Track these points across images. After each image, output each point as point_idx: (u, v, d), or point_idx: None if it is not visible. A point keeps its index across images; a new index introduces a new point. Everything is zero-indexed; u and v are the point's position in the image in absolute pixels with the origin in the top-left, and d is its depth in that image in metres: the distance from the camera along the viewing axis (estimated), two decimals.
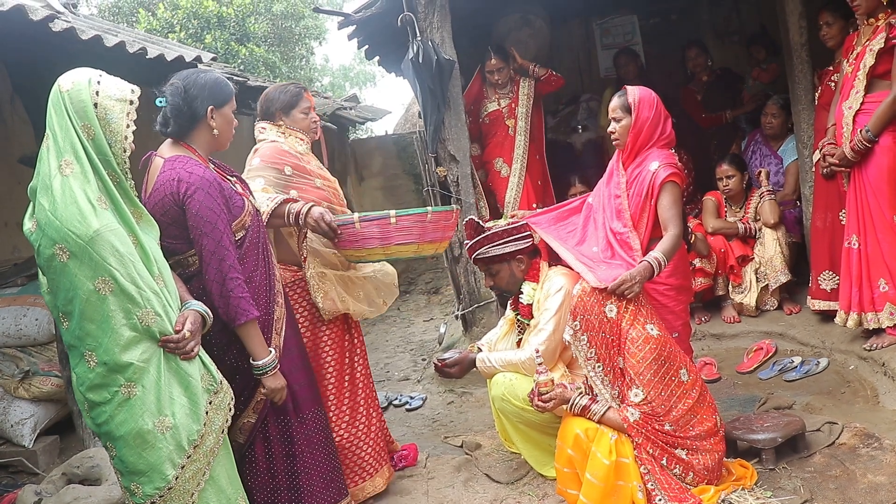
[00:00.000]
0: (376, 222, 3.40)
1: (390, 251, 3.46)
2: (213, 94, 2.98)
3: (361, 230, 3.39)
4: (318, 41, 17.11)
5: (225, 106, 3.03)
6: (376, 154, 11.93)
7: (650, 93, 3.65)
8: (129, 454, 2.50)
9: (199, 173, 2.85)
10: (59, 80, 2.52)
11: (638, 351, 3.16)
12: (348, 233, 3.39)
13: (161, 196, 2.85)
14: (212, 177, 2.88)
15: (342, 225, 3.38)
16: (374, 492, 3.65)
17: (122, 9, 14.82)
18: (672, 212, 3.49)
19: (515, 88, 5.93)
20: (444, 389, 5.27)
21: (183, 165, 2.86)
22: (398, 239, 3.43)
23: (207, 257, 2.82)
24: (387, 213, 3.40)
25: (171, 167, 2.87)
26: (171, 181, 2.83)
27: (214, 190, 2.85)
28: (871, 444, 3.44)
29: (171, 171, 2.86)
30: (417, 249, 3.50)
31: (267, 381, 2.96)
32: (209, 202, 2.82)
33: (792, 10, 5.10)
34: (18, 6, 3.59)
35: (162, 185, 2.85)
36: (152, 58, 4.55)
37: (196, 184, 2.82)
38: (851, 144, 4.22)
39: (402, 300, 8.93)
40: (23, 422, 4.47)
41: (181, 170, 2.85)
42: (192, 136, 2.99)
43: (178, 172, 2.84)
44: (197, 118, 2.96)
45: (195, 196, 2.81)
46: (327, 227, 3.34)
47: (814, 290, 4.99)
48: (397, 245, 3.44)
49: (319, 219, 3.33)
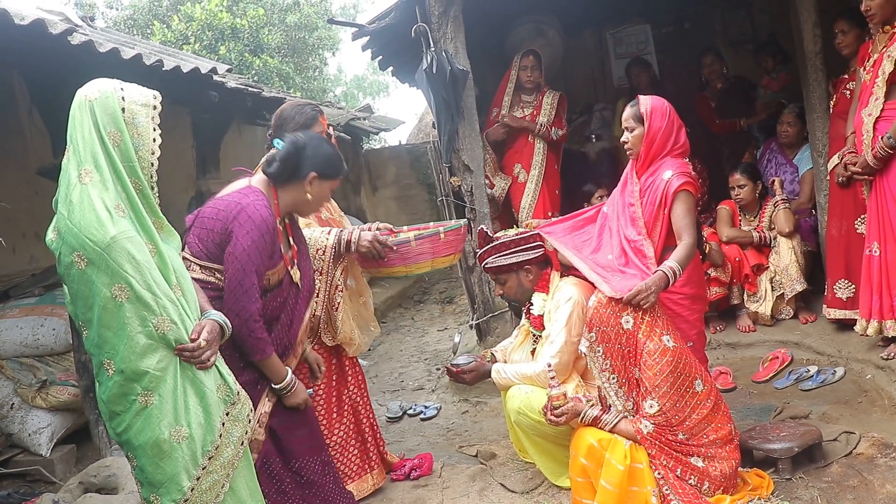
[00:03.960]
0: (428, 239, 3.69)
1: (421, 266, 3.75)
2: (324, 165, 3.13)
3: (416, 247, 3.66)
4: (331, 52, 17.22)
5: (327, 181, 3.17)
6: (390, 164, 11.97)
7: (663, 102, 3.65)
8: (148, 464, 2.51)
9: (264, 215, 2.93)
10: (82, 91, 2.55)
11: (655, 363, 3.15)
12: (402, 250, 3.66)
13: (221, 209, 2.97)
14: (271, 226, 2.96)
15: (399, 244, 3.64)
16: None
17: (138, 21, 14.96)
18: (686, 221, 3.48)
19: (540, 97, 5.95)
20: (458, 399, 5.27)
21: (256, 200, 2.95)
22: (444, 251, 3.76)
23: (231, 287, 2.89)
24: (436, 231, 3.72)
25: (246, 193, 2.98)
26: (236, 204, 2.94)
27: (266, 239, 2.93)
28: (889, 453, 3.42)
29: (244, 196, 2.96)
30: (433, 264, 3.78)
31: (287, 400, 3.10)
32: (255, 246, 2.90)
33: (806, 19, 5.08)
34: (38, 20, 3.64)
35: (227, 203, 2.97)
36: (168, 69, 4.59)
37: (256, 222, 2.90)
38: (874, 152, 4.20)
39: (417, 310, 8.96)
40: (40, 431, 4.50)
41: (251, 202, 2.94)
42: (285, 187, 3.10)
43: (247, 202, 2.94)
44: (298, 175, 3.08)
45: (248, 233, 2.89)
46: (381, 246, 3.58)
47: (829, 298, 4.97)
48: (441, 257, 3.77)
49: (374, 240, 3.56)
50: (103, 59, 4.08)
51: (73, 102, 2.54)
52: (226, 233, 2.92)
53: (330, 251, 3.56)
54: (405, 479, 3.90)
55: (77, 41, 3.91)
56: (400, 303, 9.28)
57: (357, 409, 3.87)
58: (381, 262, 3.67)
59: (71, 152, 2.52)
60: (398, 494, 3.80)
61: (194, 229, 3.04)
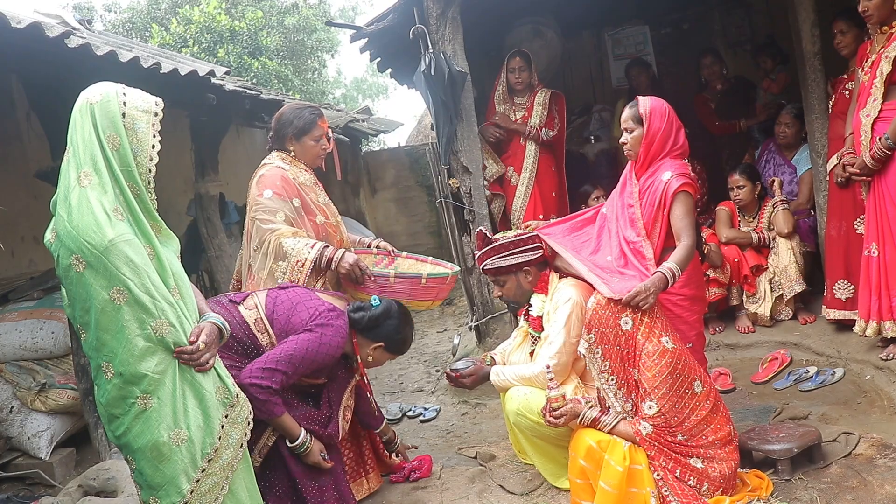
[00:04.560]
0: (408, 280, 3.78)
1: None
2: (394, 342, 3.51)
3: (394, 283, 3.76)
4: (330, 54, 17.20)
5: (388, 354, 3.56)
6: (389, 166, 11.97)
7: (662, 103, 3.65)
8: (147, 467, 2.51)
9: (338, 344, 3.27)
10: (84, 94, 2.55)
11: (654, 365, 3.15)
12: (379, 282, 3.75)
13: (320, 310, 3.32)
14: (338, 354, 3.30)
15: (378, 275, 3.75)
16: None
17: (136, 24, 14.95)
18: (685, 222, 3.48)
19: (531, 98, 5.93)
20: (457, 400, 5.26)
21: (342, 327, 3.33)
22: (422, 296, 3.84)
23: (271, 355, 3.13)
24: (418, 274, 3.82)
25: (339, 315, 3.35)
26: (329, 319, 3.26)
27: (328, 362, 3.28)
28: (889, 454, 3.42)
29: (337, 318, 3.30)
30: (408, 304, 3.82)
31: (305, 459, 3.22)
32: (314, 357, 3.18)
33: (805, 19, 5.08)
34: (35, 23, 3.63)
35: (325, 309, 3.31)
36: (166, 72, 4.59)
37: (332, 344, 3.23)
38: (871, 153, 4.20)
39: (416, 312, 8.93)
40: (39, 434, 4.50)
41: (340, 326, 3.30)
42: (356, 337, 3.47)
43: (338, 323, 3.30)
44: (371, 335, 3.47)
45: (321, 345, 3.19)
46: (361, 273, 3.69)
47: (829, 299, 4.97)
48: (418, 300, 3.86)
49: (355, 266, 3.67)
50: (101, 63, 4.07)
51: (76, 105, 2.55)
52: (302, 325, 3.18)
53: (309, 265, 3.63)
54: (404, 482, 3.90)
55: (74, 44, 3.90)
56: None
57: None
58: (357, 287, 3.76)
59: (71, 154, 2.52)
60: (397, 497, 3.79)
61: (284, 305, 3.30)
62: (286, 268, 3.62)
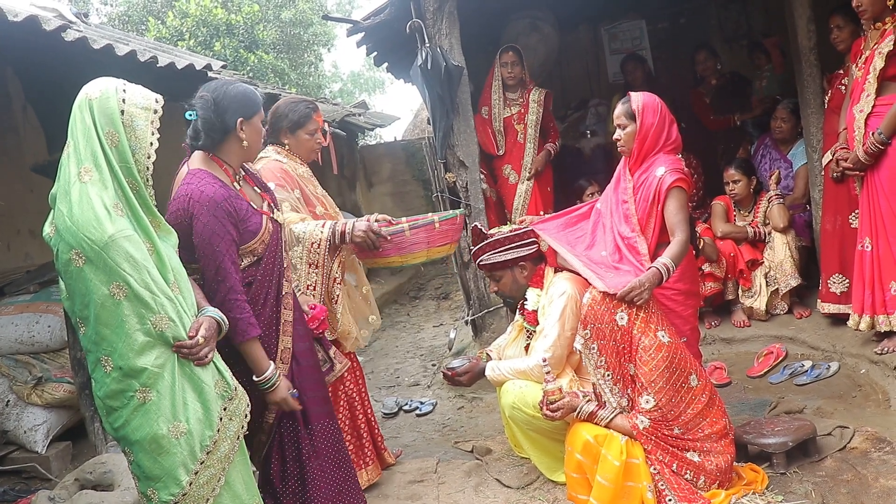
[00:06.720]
0: (423, 229, 3.69)
1: (417, 256, 3.75)
2: (243, 106, 2.99)
3: (411, 237, 3.66)
4: (326, 48, 17.17)
5: (254, 117, 3.03)
6: (385, 160, 11.97)
7: (654, 98, 3.66)
8: (145, 459, 2.52)
9: (209, 193, 2.85)
10: (85, 89, 2.55)
11: (650, 359, 3.17)
12: (396, 240, 3.65)
13: (176, 208, 2.88)
14: (221, 197, 2.87)
15: (393, 233, 3.63)
16: None
17: (132, 17, 14.92)
18: (679, 217, 3.49)
19: (526, 95, 5.92)
20: (454, 395, 5.28)
21: (198, 183, 2.87)
22: (440, 241, 3.74)
23: (209, 278, 2.86)
24: (431, 220, 3.72)
25: (189, 182, 2.89)
26: (185, 197, 2.86)
27: (221, 212, 2.86)
28: (883, 448, 3.44)
29: (188, 185, 2.88)
30: (428, 254, 3.76)
31: (270, 396, 2.97)
32: (213, 224, 2.83)
33: (801, 14, 5.09)
34: (32, 17, 3.62)
35: (178, 198, 2.88)
36: (163, 66, 4.58)
37: (204, 203, 2.83)
38: (864, 147, 4.21)
39: (412, 306, 8.96)
40: (36, 428, 4.50)
41: (195, 187, 2.86)
42: (223, 148, 3.00)
43: (191, 189, 2.86)
44: (227, 131, 2.97)
45: (200, 217, 2.82)
46: (376, 236, 3.57)
47: (824, 293, 4.99)
48: (437, 247, 3.76)
49: (368, 230, 3.56)
50: (97, 56, 4.06)
51: (76, 100, 2.55)
52: (188, 224, 2.85)
53: (325, 243, 3.56)
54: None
55: (71, 38, 3.89)
56: (396, 299, 9.29)
57: (353, 405, 3.88)
58: (376, 253, 3.66)
59: (71, 149, 2.52)
60: (393, 490, 3.81)
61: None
62: (302, 252, 3.57)
